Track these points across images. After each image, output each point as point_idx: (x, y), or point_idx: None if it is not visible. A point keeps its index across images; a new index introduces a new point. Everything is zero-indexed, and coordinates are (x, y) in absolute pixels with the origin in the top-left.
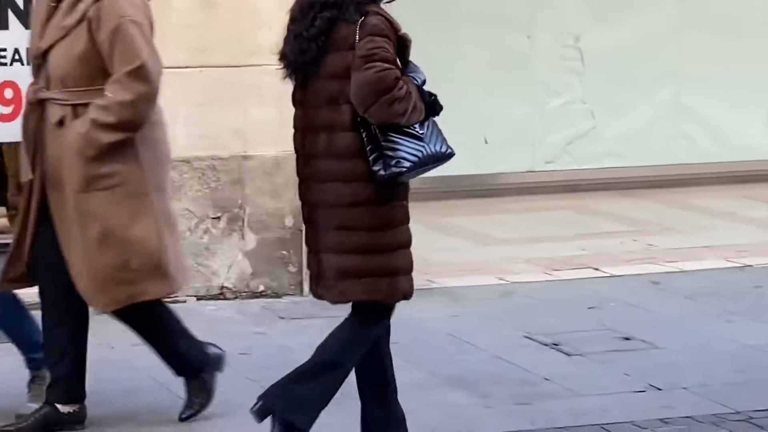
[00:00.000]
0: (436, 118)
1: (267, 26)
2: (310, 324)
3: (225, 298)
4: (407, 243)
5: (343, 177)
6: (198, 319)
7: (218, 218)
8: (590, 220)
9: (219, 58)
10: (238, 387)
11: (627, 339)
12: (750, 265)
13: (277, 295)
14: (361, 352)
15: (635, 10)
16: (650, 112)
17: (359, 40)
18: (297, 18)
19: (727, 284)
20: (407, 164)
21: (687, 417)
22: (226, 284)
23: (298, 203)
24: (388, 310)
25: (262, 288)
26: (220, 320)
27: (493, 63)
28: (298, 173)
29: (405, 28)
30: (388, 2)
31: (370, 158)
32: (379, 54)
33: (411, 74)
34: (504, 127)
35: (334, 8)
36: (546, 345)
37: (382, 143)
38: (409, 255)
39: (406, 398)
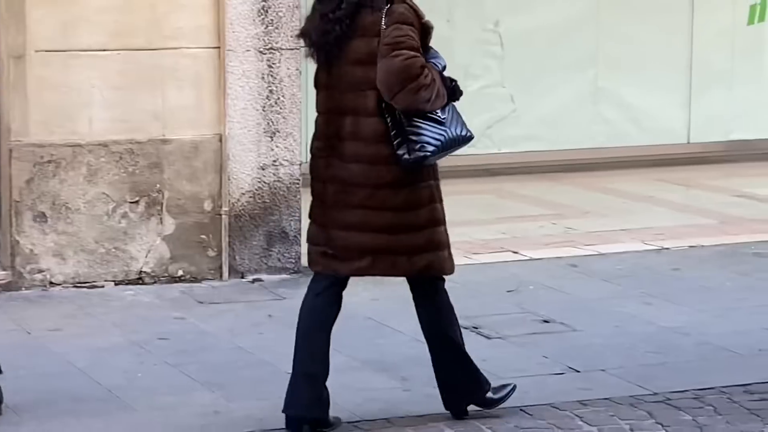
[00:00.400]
0: (456, 103)
1: (185, 9)
2: (229, 308)
3: (143, 283)
4: (436, 221)
5: (368, 159)
6: (116, 304)
7: (136, 202)
8: (509, 203)
9: (137, 41)
10: (157, 372)
11: (546, 322)
12: (667, 248)
13: (196, 280)
14: (454, 315)
15: None
16: (569, 95)
17: (385, 28)
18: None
19: (645, 267)
20: (431, 148)
21: (605, 399)
22: (144, 269)
23: (217, 187)
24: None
25: (180, 273)
26: (139, 305)
27: None
28: (314, 152)
29: None
30: None
31: (395, 143)
32: (406, 42)
33: (432, 60)
34: None
35: None
36: (466, 328)
37: (407, 128)
38: (438, 233)
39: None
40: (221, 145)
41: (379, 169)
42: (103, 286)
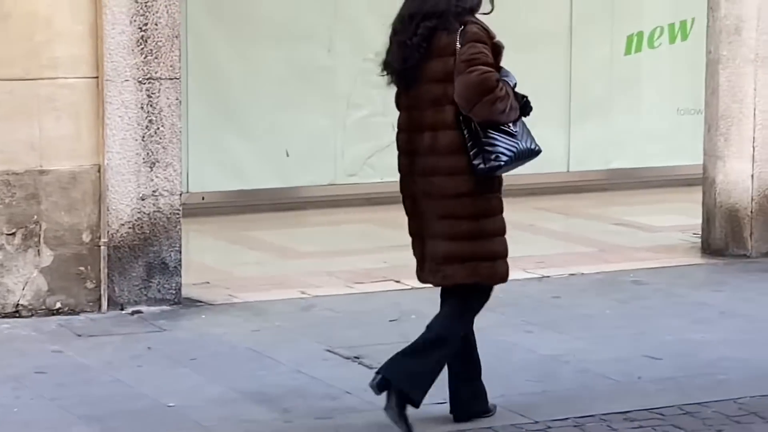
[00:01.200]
0: (525, 119)
1: (62, 39)
2: (108, 341)
3: (20, 316)
4: (503, 231)
5: (447, 171)
6: None
7: (13, 234)
8: (392, 232)
9: (13, 70)
10: (35, 406)
11: None
12: (548, 276)
13: (75, 312)
14: (464, 331)
15: None
16: None
17: (461, 47)
18: (399, 29)
19: (526, 295)
20: (505, 158)
21: (487, 428)
22: (21, 302)
23: (96, 218)
24: (488, 291)
25: (59, 305)
26: (16, 338)
27: (294, 76)
28: (401, 169)
29: (207, 42)
30: (485, 14)
31: (471, 153)
32: (481, 58)
33: (504, 77)
34: (306, 140)
35: (434, 18)
36: (347, 358)
37: (483, 139)
38: (505, 242)
39: (205, 414)
40: (100, 176)
41: (456, 180)
42: None
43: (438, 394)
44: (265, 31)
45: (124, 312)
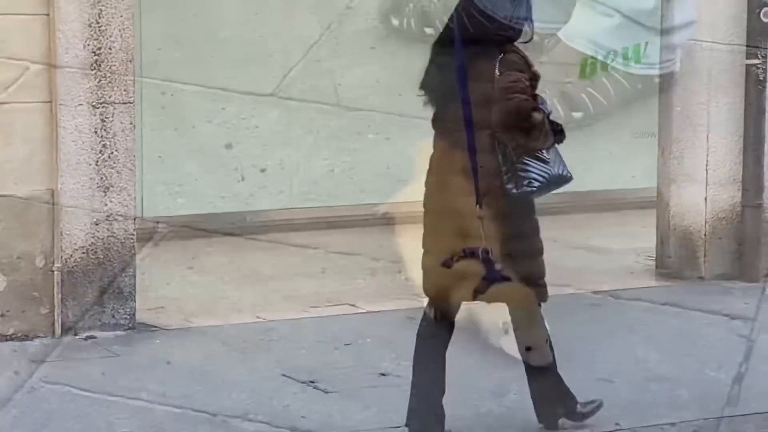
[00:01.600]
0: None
1: (15, 63)
2: (63, 366)
3: None
4: (539, 252)
5: (479, 192)
6: None
7: None
8: (348, 257)
9: None
10: None
11: (383, 375)
12: None
13: (28, 338)
14: (544, 327)
15: None
16: (411, 148)
17: (500, 74)
18: (439, 52)
19: (483, 318)
20: (537, 184)
21: None
22: None
23: (49, 243)
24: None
25: (12, 330)
26: None
27: (249, 100)
28: (429, 187)
29: (161, 66)
30: (524, 42)
31: (504, 177)
32: (518, 86)
33: (540, 106)
34: (261, 164)
35: (475, 44)
36: (303, 383)
37: (516, 164)
38: (540, 263)
39: None
40: (53, 201)
41: (487, 201)
42: None
43: (395, 419)
44: (221, 54)
45: (77, 337)
